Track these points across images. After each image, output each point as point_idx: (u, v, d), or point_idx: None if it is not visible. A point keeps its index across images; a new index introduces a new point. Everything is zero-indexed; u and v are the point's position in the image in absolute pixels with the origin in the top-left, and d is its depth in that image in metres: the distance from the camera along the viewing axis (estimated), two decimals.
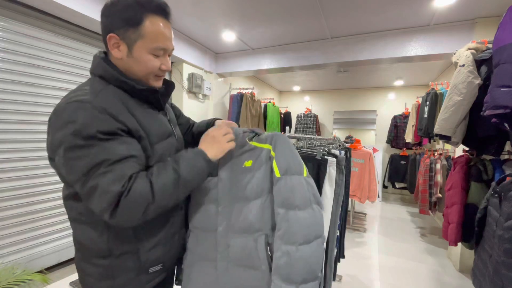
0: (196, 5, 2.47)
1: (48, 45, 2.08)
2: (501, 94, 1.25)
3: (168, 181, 0.67)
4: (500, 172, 1.64)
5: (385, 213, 4.33)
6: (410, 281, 2.28)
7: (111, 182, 0.59)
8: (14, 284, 1.55)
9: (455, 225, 1.82)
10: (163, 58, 0.74)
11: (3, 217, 1.88)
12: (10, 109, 1.90)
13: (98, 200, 0.60)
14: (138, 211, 0.63)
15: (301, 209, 0.69)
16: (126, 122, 0.65)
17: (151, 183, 0.65)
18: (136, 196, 0.61)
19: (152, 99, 0.76)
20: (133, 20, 0.67)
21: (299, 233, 0.68)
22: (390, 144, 4.96)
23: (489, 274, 1.18)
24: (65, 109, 0.61)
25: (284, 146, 0.77)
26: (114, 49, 0.69)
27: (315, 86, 5.96)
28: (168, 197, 0.67)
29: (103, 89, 0.67)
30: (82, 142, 0.59)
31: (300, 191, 0.71)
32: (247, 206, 0.77)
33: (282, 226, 0.69)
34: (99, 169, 0.59)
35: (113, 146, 0.61)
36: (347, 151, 1.85)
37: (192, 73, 3.37)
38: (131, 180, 0.62)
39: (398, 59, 2.96)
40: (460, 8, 2.34)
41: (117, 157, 0.61)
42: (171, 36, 0.73)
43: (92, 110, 0.60)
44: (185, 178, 0.70)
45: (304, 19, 2.69)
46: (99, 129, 0.60)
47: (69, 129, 0.59)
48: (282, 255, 0.67)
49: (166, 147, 0.76)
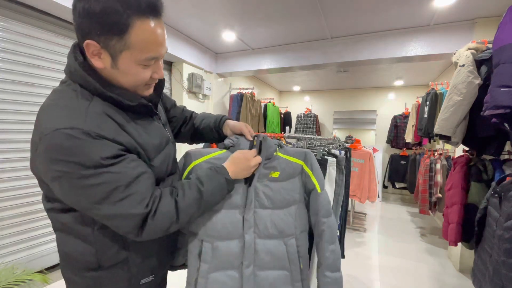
0: (196, 5, 2.47)
1: (48, 45, 2.08)
2: (501, 94, 1.25)
3: (192, 201, 0.67)
4: (500, 172, 1.64)
5: (385, 213, 4.33)
6: (410, 281, 2.28)
7: (133, 206, 0.58)
8: (14, 284, 1.55)
9: (455, 225, 1.82)
10: (155, 66, 0.64)
11: (3, 217, 1.88)
12: (10, 109, 1.90)
13: (122, 224, 0.59)
14: (162, 230, 0.64)
15: (331, 215, 0.86)
16: (123, 141, 0.60)
17: (176, 202, 0.65)
18: (163, 216, 0.62)
19: (143, 111, 0.69)
20: (117, 27, 0.54)
21: (335, 233, 0.85)
22: (390, 144, 4.96)
23: (489, 274, 1.18)
24: (53, 138, 0.53)
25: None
26: (93, 57, 0.58)
27: (315, 86, 5.96)
28: (189, 216, 0.68)
29: (90, 105, 0.58)
30: (88, 172, 0.54)
31: (330, 202, 0.87)
32: (277, 214, 0.84)
33: (328, 231, 0.84)
34: (115, 196, 0.56)
35: (122, 169, 0.58)
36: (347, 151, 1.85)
37: (192, 73, 3.37)
38: (156, 200, 0.62)
39: (398, 59, 2.96)
40: (460, 8, 2.34)
41: (129, 180, 0.58)
42: (164, 38, 0.61)
43: (87, 137, 0.54)
44: (207, 198, 0.71)
45: (304, 19, 2.69)
46: (102, 155, 0.55)
47: (68, 162, 0.53)
48: (330, 254, 0.84)
49: (164, 158, 0.73)
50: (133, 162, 0.61)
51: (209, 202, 0.73)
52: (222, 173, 0.75)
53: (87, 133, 0.54)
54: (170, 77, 3.38)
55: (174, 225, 0.65)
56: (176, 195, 0.66)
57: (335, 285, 0.84)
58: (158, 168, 0.69)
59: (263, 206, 0.84)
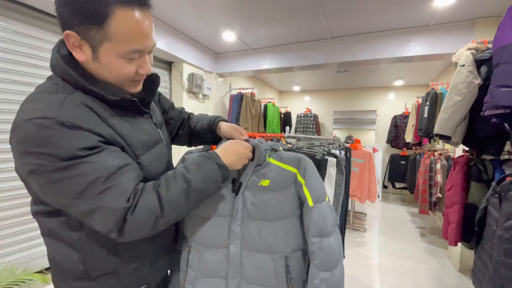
0: (196, 5, 2.47)
1: (48, 45, 2.08)
2: (501, 94, 1.25)
3: (178, 192, 0.60)
4: (500, 172, 1.64)
5: (385, 213, 4.33)
6: (410, 281, 2.28)
7: (114, 200, 0.53)
8: (14, 284, 1.55)
9: (455, 225, 1.82)
10: (140, 60, 0.60)
11: (3, 217, 1.88)
12: (11, 109, 1.90)
13: (102, 221, 0.54)
14: (147, 226, 0.57)
15: (330, 235, 0.72)
16: (104, 133, 0.55)
17: (159, 195, 0.58)
18: (144, 211, 0.55)
19: (129, 106, 0.64)
20: (96, 16, 0.50)
21: (333, 260, 0.71)
22: (390, 144, 4.96)
23: (489, 274, 1.18)
24: (25, 129, 0.50)
25: (313, 173, 0.76)
26: (75, 50, 0.55)
27: (315, 86, 5.96)
28: (179, 209, 0.61)
29: (68, 95, 0.55)
30: (63, 164, 0.49)
31: (329, 218, 0.73)
32: (266, 227, 0.75)
33: (318, 255, 0.71)
34: (94, 189, 0.51)
35: (102, 159, 0.52)
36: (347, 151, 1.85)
37: (192, 73, 3.37)
38: (137, 194, 0.56)
39: (398, 59, 2.96)
40: (460, 8, 2.34)
41: (110, 171, 0.53)
42: (150, 30, 0.57)
43: (60, 127, 0.50)
44: (196, 187, 0.62)
45: (304, 19, 2.69)
46: (78, 146, 0.50)
47: (40, 154, 0.49)
48: (320, 282, 0.69)
49: (152, 159, 0.66)
50: (114, 153, 0.55)
51: (200, 192, 0.64)
52: (212, 158, 0.66)
53: (60, 122, 0.50)
54: (170, 77, 3.38)
55: (160, 220, 0.58)
56: (158, 187, 0.60)
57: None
58: (147, 167, 0.64)
59: (252, 217, 0.75)
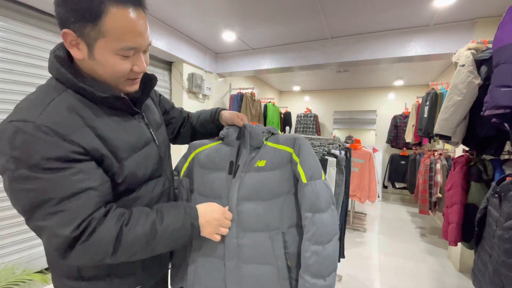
0: (196, 5, 2.47)
1: (48, 45, 2.08)
2: (501, 94, 1.25)
3: (139, 238, 0.58)
4: (500, 172, 1.64)
5: (385, 213, 4.33)
6: (410, 281, 2.28)
7: (61, 225, 0.51)
8: (14, 284, 1.55)
9: (455, 225, 1.82)
10: (135, 58, 0.60)
11: (3, 217, 1.88)
12: (11, 109, 1.89)
13: (47, 241, 0.53)
14: (93, 259, 0.55)
15: (324, 211, 0.75)
16: (81, 141, 0.54)
17: (120, 233, 0.56)
18: (95, 244, 0.53)
19: (119, 106, 0.64)
20: (90, 13, 0.52)
21: (325, 234, 0.73)
22: (390, 144, 4.96)
23: (489, 274, 1.18)
24: (5, 130, 0.51)
25: (308, 151, 0.78)
26: (72, 48, 0.57)
27: (315, 86, 5.96)
28: (131, 255, 0.59)
29: (56, 98, 0.55)
30: (25, 173, 0.49)
31: (323, 195, 0.75)
32: (261, 206, 0.77)
33: (310, 229, 0.74)
34: (45, 209, 0.50)
35: (63, 178, 0.51)
36: (347, 151, 1.85)
37: (192, 73, 3.37)
38: (92, 224, 0.53)
39: (398, 59, 2.96)
40: (460, 8, 2.34)
41: (68, 193, 0.51)
42: (144, 29, 0.58)
43: (35, 132, 0.50)
44: (160, 240, 0.61)
45: (304, 19, 2.69)
46: (45, 155, 0.50)
47: (10, 157, 0.50)
48: (311, 254, 0.72)
49: (140, 160, 0.66)
50: (80, 174, 0.53)
51: (161, 245, 0.62)
52: (190, 215, 0.66)
53: (37, 127, 0.50)
54: (170, 77, 3.38)
55: (108, 258, 0.56)
56: (124, 223, 0.57)
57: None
58: (132, 170, 0.63)
59: (248, 198, 0.77)
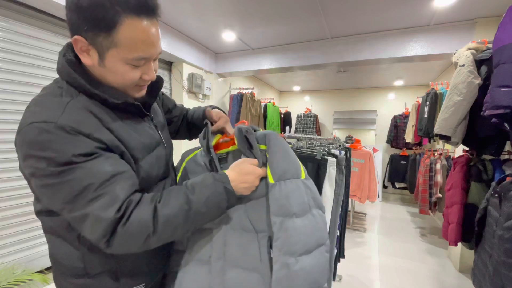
0: (196, 5, 2.47)
1: (48, 45, 2.08)
2: (501, 94, 1.25)
3: (176, 211, 0.58)
4: (500, 172, 1.64)
5: (385, 213, 4.33)
6: (410, 281, 2.28)
7: (103, 208, 0.52)
8: (14, 284, 1.55)
9: (455, 225, 1.82)
10: (146, 67, 0.61)
11: (3, 217, 1.87)
12: (11, 109, 1.90)
13: (91, 229, 0.53)
14: (137, 242, 0.56)
15: (299, 216, 0.63)
16: (103, 138, 0.56)
17: (155, 210, 0.56)
18: (135, 225, 0.54)
19: (131, 110, 0.65)
20: (104, 23, 0.52)
21: (299, 243, 0.61)
22: (390, 144, 4.96)
23: (489, 274, 1.18)
24: (27, 132, 0.51)
25: (277, 147, 0.68)
26: (82, 54, 0.56)
27: (315, 86, 5.96)
28: (173, 230, 0.59)
29: (71, 100, 0.56)
30: (58, 169, 0.51)
31: (297, 196, 0.64)
32: (251, 204, 0.71)
33: (279, 236, 0.63)
34: (86, 195, 0.52)
35: (96, 166, 0.53)
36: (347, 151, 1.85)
37: (192, 73, 3.37)
38: (131, 205, 0.55)
39: (398, 59, 2.96)
40: (460, 8, 2.34)
41: (104, 178, 0.53)
42: (157, 39, 0.59)
43: (59, 132, 0.51)
44: (198, 209, 0.60)
45: (304, 19, 2.69)
46: (75, 152, 0.51)
47: (39, 158, 0.51)
48: (281, 267, 0.61)
49: (153, 161, 0.67)
50: (111, 159, 0.56)
51: (200, 215, 0.61)
52: (221, 181, 0.64)
53: (60, 127, 0.51)
54: (170, 77, 3.38)
55: (151, 238, 0.56)
56: (157, 201, 0.58)
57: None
58: (147, 170, 0.64)
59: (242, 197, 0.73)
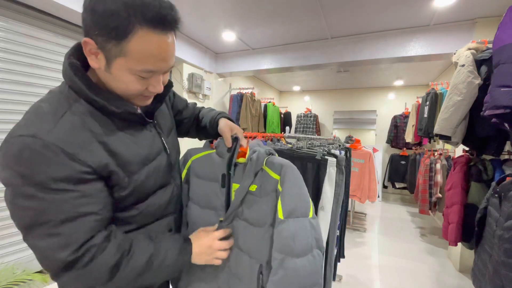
0: (196, 5, 2.47)
1: (48, 45, 2.08)
2: (501, 94, 1.25)
3: (136, 268, 0.58)
4: (500, 172, 1.64)
5: (385, 213, 4.34)
6: (410, 281, 2.28)
7: (57, 248, 0.50)
8: (14, 284, 1.55)
9: (455, 225, 1.82)
10: (153, 79, 0.58)
11: (3, 217, 1.87)
12: (10, 109, 1.90)
13: (40, 261, 0.53)
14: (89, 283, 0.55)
15: (300, 257, 0.64)
16: (89, 160, 0.53)
17: (120, 260, 0.56)
18: (93, 271, 0.53)
19: (132, 118, 0.63)
20: (116, 32, 0.50)
21: (295, 283, 0.63)
22: (390, 144, 4.96)
23: (489, 274, 1.18)
24: (13, 144, 0.49)
25: (292, 183, 0.69)
26: (90, 56, 0.55)
27: (315, 86, 5.96)
28: (122, 284, 0.58)
29: (67, 112, 0.54)
30: (30, 191, 0.49)
31: (302, 237, 0.65)
32: (248, 229, 0.74)
33: (278, 272, 0.64)
34: (43, 229, 0.50)
35: (66, 201, 0.51)
36: (347, 151, 1.85)
37: (192, 73, 3.37)
38: (93, 249, 0.53)
39: (398, 59, 2.96)
40: (460, 8, 2.34)
41: (68, 216, 0.51)
42: (170, 54, 0.56)
43: (44, 150, 0.49)
44: (153, 271, 0.61)
45: (304, 19, 2.69)
46: (51, 175, 0.49)
47: (15, 172, 0.49)
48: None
49: (150, 172, 0.66)
50: (83, 199, 0.53)
51: (151, 278, 0.62)
52: (185, 256, 0.67)
53: (46, 145, 0.49)
54: (170, 77, 3.37)
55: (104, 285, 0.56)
56: (125, 253, 0.57)
57: None
58: (141, 182, 0.63)
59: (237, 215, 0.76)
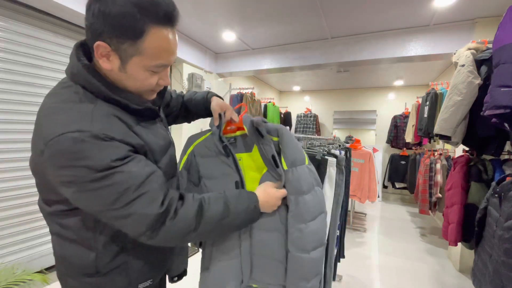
0: (196, 5, 2.47)
1: (48, 45, 2.08)
2: (501, 94, 1.25)
3: (216, 217, 0.66)
4: (500, 172, 1.64)
5: (385, 213, 4.34)
6: (410, 281, 2.28)
7: (146, 206, 0.57)
8: (14, 284, 1.55)
9: (455, 225, 1.82)
10: (163, 73, 0.65)
11: (3, 217, 1.88)
12: (10, 109, 1.90)
13: (134, 225, 0.58)
14: (179, 236, 0.62)
15: (307, 193, 0.80)
16: (133, 142, 0.59)
17: (201, 210, 0.63)
18: (183, 221, 0.60)
19: (148, 113, 0.69)
20: (131, 32, 0.54)
21: (307, 213, 0.80)
22: (390, 144, 4.96)
23: (489, 274, 1.18)
24: (60, 143, 0.51)
25: (289, 140, 0.84)
26: (101, 58, 0.58)
27: (315, 86, 5.96)
28: (209, 232, 0.66)
29: (95, 108, 0.58)
30: (99, 175, 0.53)
31: (305, 179, 0.81)
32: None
33: (293, 208, 0.81)
34: (128, 196, 0.55)
35: (133, 168, 0.57)
36: (347, 151, 1.85)
37: (192, 73, 3.37)
38: (175, 201, 0.61)
39: (398, 59, 2.96)
40: (460, 8, 2.34)
41: (141, 178, 0.57)
42: (176, 47, 0.63)
43: (95, 140, 0.53)
44: (233, 220, 0.69)
45: (304, 19, 2.69)
46: (112, 157, 0.54)
47: (78, 167, 0.52)
48: (295, 231, 0.80)
49: (167, 161, 0.72)
50: (142, 162, 0.60)
51: (233, 225, 0.71)
52: (253, 200, 0.75)
53: (95, 135, 0.53)
54: (170, 77, 3.38)
55: (191, 234, 0.62)
56: (202, 201, 0.65)
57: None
58: (164, 170, 0.68)
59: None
